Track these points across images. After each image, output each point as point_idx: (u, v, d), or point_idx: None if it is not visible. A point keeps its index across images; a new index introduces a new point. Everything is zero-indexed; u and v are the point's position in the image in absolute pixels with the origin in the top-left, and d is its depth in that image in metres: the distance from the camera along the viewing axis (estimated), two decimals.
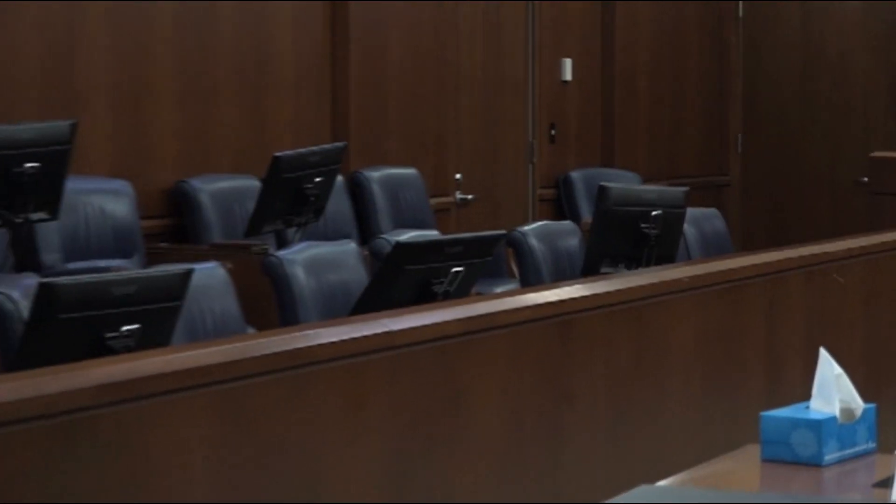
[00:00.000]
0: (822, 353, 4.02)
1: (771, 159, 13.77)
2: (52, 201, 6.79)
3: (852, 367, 4.10)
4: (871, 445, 3.95)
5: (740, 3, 13.79)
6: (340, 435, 4.47)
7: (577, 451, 5.39)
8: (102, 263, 7.62)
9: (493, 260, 6.52)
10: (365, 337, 4.60)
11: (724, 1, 13.75)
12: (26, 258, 7.32)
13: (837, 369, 3.96)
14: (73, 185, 7.24)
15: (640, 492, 3.55)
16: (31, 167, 6.59)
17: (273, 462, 4.25)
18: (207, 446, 4.06)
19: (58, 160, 6.73)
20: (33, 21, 8.01)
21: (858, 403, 3.93)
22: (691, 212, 7.84)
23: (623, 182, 10.56)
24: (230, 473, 4.12)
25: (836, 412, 3.88)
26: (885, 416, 4.12)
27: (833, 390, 3.92)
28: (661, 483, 3.67)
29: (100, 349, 4.41)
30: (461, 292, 5.68)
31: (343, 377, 4.50)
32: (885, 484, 3.55)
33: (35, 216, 6.80)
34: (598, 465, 5.40)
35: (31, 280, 5.22)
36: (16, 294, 5.17)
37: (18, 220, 6.71)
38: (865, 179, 11.08)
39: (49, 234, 7.57)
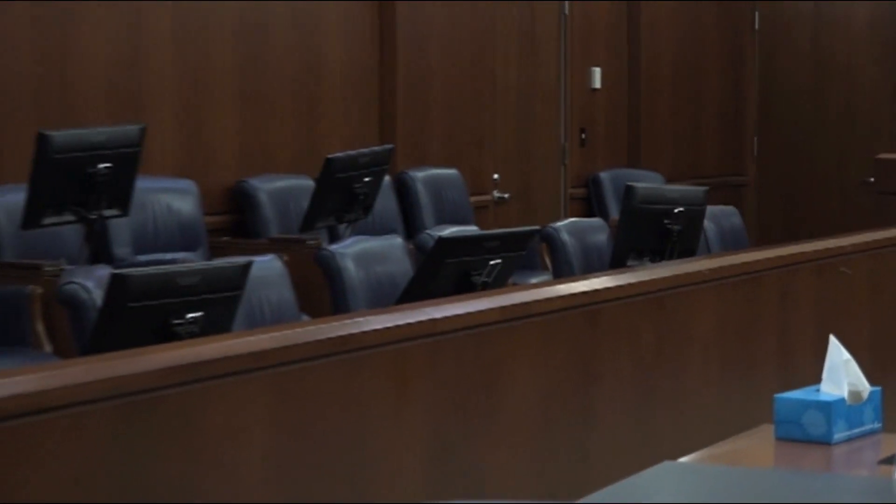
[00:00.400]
0: (832, 339, 4.01)
1: (784, 161, 13.73)
2: (123, 199, 6.81)
3: (859, 352, 4.08)
4: (877, 425, 3.94)
5: (756, 14, 13.74)
6: (386, 414, 4.48)
7: (604, 430, 5.38)
8: (169, 256, 7.63)
9: (527, 253, 6.52)
10: (409, 324, 4.61)
11: (741, 13, 13.71)
12: (99, 251, 7.33)
13: (846, 355, 3.95)
14: (142, 185, 7.26)
15: (663, 468, 3.55)
16: (104, 168, 6.61)
17: (324, 439, 4.25)
18: (264, 425, 4.07)
19: (128, 161, 6.75)
20: (103, 32, 8.03)
21: (865, 386, 3.92)
22: (711, 209, 7.82)
23: (648, 182, 10.53)
24: (285, 450, 4.12)
25: (845, 394, 3.87)
26: (890, 398, 4.11)
27: (842, 374, 3.91)
28: (683, 459, 3.66)
29: (166, 335, 4.42)
30: (498, 283, 5.68)
31: (389, 361, 4.51)
32: (890, 461, 3.54)
33: (107, 213, 6.82)
34: (623, 443, 5.39)
35: (104, 271, 5.23)
36: (90, 284, 5.19)
37: (92, 217, 6.73)
38: (871, 179, 11.02)
39: (120, 229, 7.59)
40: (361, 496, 4.32)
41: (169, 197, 8.05)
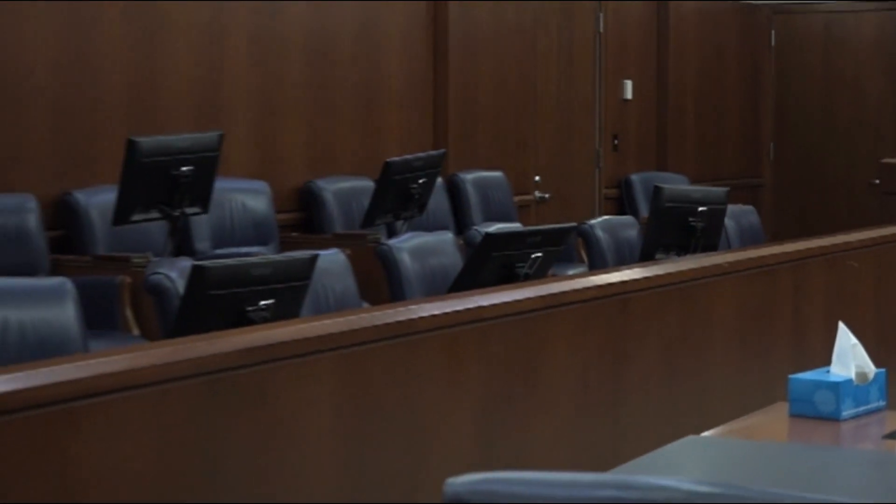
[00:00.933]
0: (841, 326, 4.00)
1: (797, 165, 13.70)
2: (203, 198, 6.84)
3: (865, 337, 4.07)
4: (882, 403, 3.93)
5: (772, 32, 13.70)
6: (439, 391, 4.48)
7: (634, 406, 5.38)
8: (244, 250, 7.65)
9: (565, 248, 6.51)
10: (459, 311, 4.61)
11: (759, 32, 13.67)
12: (182, 245, 7.36)
13: (853, 339, 3.95)
14: (221, 185, 7.28)
15: (687, 441, 3.54)
16: (187, 170, 6.64)
17: (384, 414, 4.26)
18: (330, 401, 4.08)
19: (208, 164, 6.78)
20: (187, 49, 8.05)
21: (871, 368, 3.91)
22: (731, 208, 7.80)
23: (674, 183, 10.50)
24: (349, 423, 4.13)
25: (852, 375, 3.86)
26: (893, 378, 4.10)
27: (850, 357, 3.90)
28: (705, 434, 3.66)
29: (241, 320, 4.43)
30: (539, 274, 5.67)
31: (441, 344, 4.51)
32: (893, 436, 3.53)
33: (189, 210, 6.84)
34: (651, 418, 5.38)
35: (186, 263, 5.24)
36: (174, 274, 5.21)
37: (176, 214, 6.75)
38: (877, 181, 11.00)
39: (200, 225, 7.62)
40: (418, 465, 4.33)
41: (244, 196, 8.08)
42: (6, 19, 7.08)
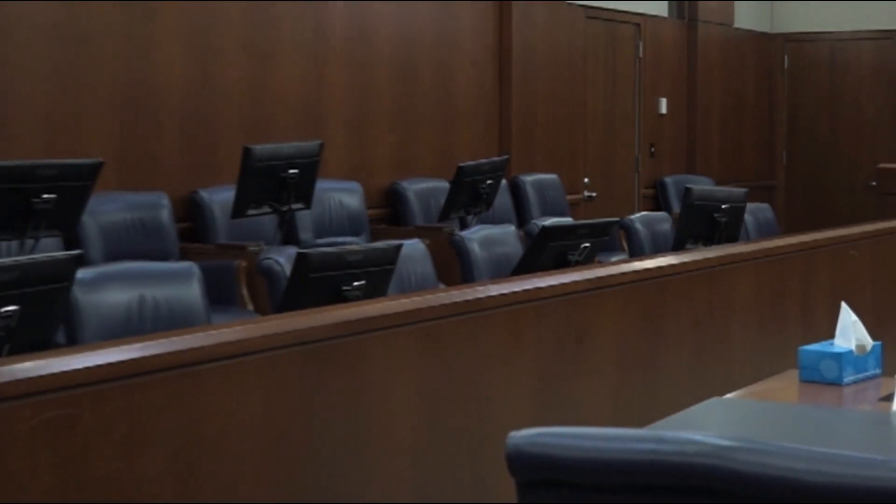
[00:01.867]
0: (843, 305, 3.98)
1: (806, 169, 13.62)
2: (306, 196, 6.85)
3: (864, 315, 4.03)
4: (878, 371, 3.91)
5: (785, 57, 13.61)
6: (502, 358, 4.47)
7: (667, 373, 5.35)
8: (340, 239, 7.67)
9: (609, 238, 6.49)
10: (520, 291, 4.60)
11: (774, 57, 13.59)
12: (289, 235, 7.39)
13: (853, 317, 3.92)
14: (321, 185, 7.29)
15: (712, 402, 3.52)
16: (293, 173, 6.65)
17: (456, 377, 4.25)
18: (412, 367, 4.08)
19: (310, 168, 6.79)
20: (294, 68, 8.08)
21: (868, 341, 3.89)
22: (749, 206, 7.75)
23: (701, 184, 10.43)
24: (428, 385, 4.13)
25: (853, 347, 3.84)
26: (888, 350, 4.07)
27: (850, 332, 3.88)
28: (727, 396, 3.63)
29: (337, 298, 4.44)
30: (587, 261, 5.65)
31: (505, 319, 4.50)
32: (888, 398, 3.50)
33: (295, 206, 6.86)
34: (682, 383, 5.36)
35: (292, 250, 5.26)
36: (282, 260, 5.23)
37: (284, 209, 6.77)
38: (874, 183, 10.94)
39: (304, 218, 7.64)
40: (484, 421, 4.32)
41: (340, 195, 8.09)
42: (144, 47, 7.12)
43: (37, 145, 6.53)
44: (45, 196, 5.48)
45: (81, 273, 4.39)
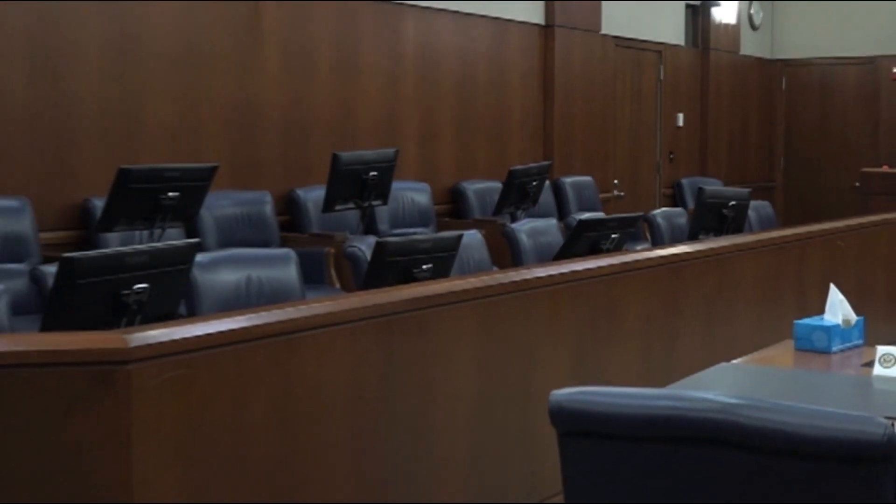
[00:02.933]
0: (832, 286, 3.95)
1: (800, 173, 13.51)
2: (384, 194, 6.86)
3: (849, 295, 3.99)
4: (860, 341, 3.88)
5: (783, 79, 13.50)
6: (546, 329, 4.47)
7: (683, 342, 5.33)
8: (411, 230, 7.67)
9: (635, 230, 6.46)
10: (561, 273, 4.59)
11: (773, 79, 13.49)
12: (369, 227, 7.39)
13: (840, 296, 3.89)
14: (396, 185, 7.30)
15: (721, 367, 3.49)
16: (373, 175, 6.66)
17: (507, 344, 4.25)
18: (470, 336, 4.08)
19: (387, 171, 6.80)
20: (375, 89, 8.09)
21: (853, 316, 3.85)
22: (752, 203, 7.68)
23: (712, 185, 10.34)
24: (483, 351, 4.13)
25: (840, 321, 3.81)
26: (869, 324, 4.03)
27: (838, 308, 3.85)
28: (734, 361, 3.61)
29: (409, 278, 4.44)
30: (616, 248, 5.62)
31: (547, 296, 4.49)
32: (869, 364, 3.47)
33: (375, 203, 6.87)
34: (695, 350, 5.33)
35: (372, 239, 5.27)
36: (363, 247, 5.24)
37: (365, 205, 6.78)
38: (858, 185, 10.85)
39: (382, 213, 7.65)
40: (530, 381, 4.32)
41: (412, 193, 8.09)
42: (251, 70, 7.15)
43: (164, 152, 6.58)
44: (171, 194, 5.53)
45: (199, 257, 4.42)
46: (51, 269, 4.43)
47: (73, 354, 2.89)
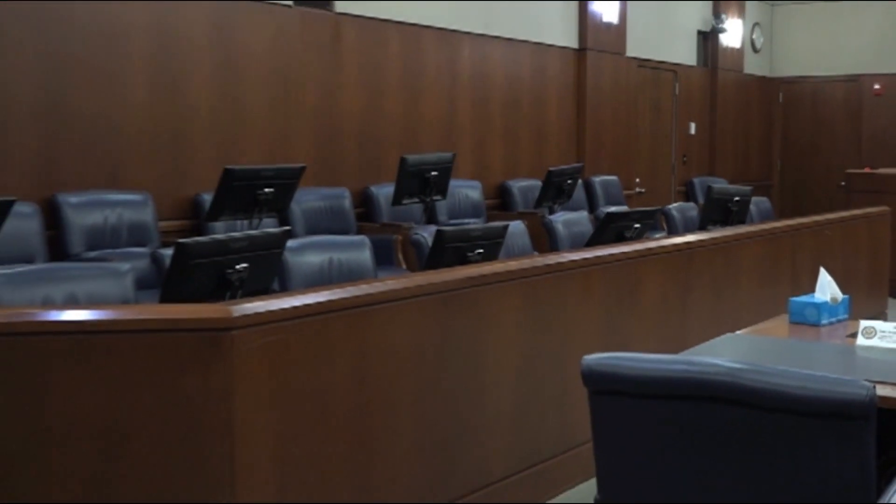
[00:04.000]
0: (821, 269, 3.91)
1: (794, 173, 13.37)
2: (442, 190, 6.85)
3: (836, 276, 3.94)
4: (846, 316, 3.84)
5: (780, 94, 13.34)
6: (579, 304, 4.45)
7: (694, 315, 5.29)
8: (465, 221, 7.66)
9: (654, 221, 6.41)
10: (590, 257, 4.57)
11: (772, 93, 13.34)
12: (430, 218, 7.40)
13: (828, 277, 3.86)
14: (453, 183, 7.29)
15: (727, 337, 3.47)
16: (434, 174, 6.66)
17: (546, 317, 4.24)
18: (515, 310, 4.07)
19: (446, 171, 6.79)
20: (434, 100, 8.09)
21: (839, 295, 3.82)
22: (754, 199, 7.61)
23: (719, 183, 10.24)
24: (526, 323, 4.12)
25: (828, 299, 3.77)
26: (853, 302, 3.98)
27: (826, 288, 3.81)
28: (738, 332, 3.58)
29: (464, 261, 4.44)
30: (638, 237, 5.59)
31: (580, 276, 4.47)
32: (853, 335, 3.43)
33: (435, 198, 6.86)
34: (705, 322, 5.30)
35: (433, 228, 5.27)
36: (426, 235, 5.24)
37: (427, 200, 6.78)
38: (843, 184, 10.71)
39: (441, 206, 7.64)
40: (566, 348, 4.31)
41: (466, 189, 8.08)
42: (333, 86, 7.18)
43: (261, 155, 6.62)
44: (266, 190, 5.56)
45: (290, 243, 4.45)
46: (168, 252, 4.46)
47: (187, 322, 2.92)
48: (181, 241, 3.64)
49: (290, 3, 6.88)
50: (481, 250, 4.56)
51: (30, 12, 5.37)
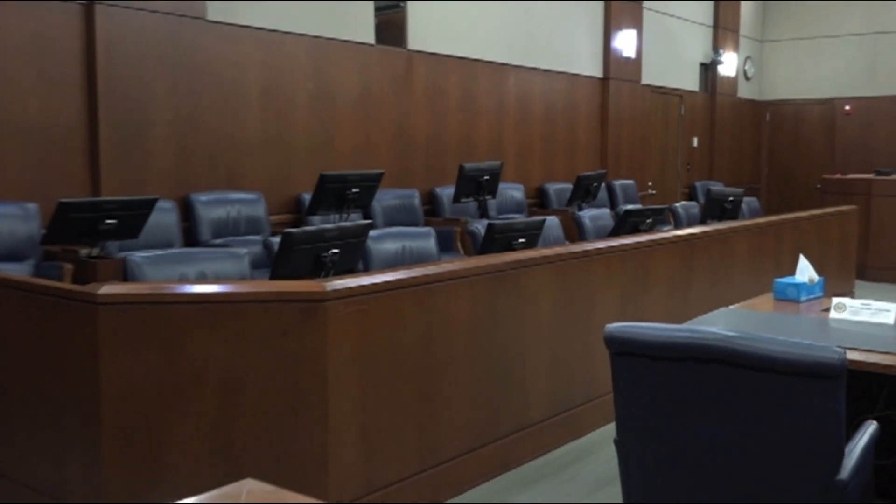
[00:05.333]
0: (801, 257, 3.83)
1: (779, 178, 13.11)
2: (493, 191, 6.81)
3: (813, 262, 3.86)
4: (821, 294, 3.76)
5: (768, 114, 13.08)
6: (601, 282, 4.40)
7: (695, 293, 5.21)
8: (511, 216, 7.62)
9: (663, 217, 6.32)
10: (612, 245, 4.52)
11: (760, 114, 13.07)
12: (483, 213, 7.37)
13: (806, 262, 3.77)
14: (501, 186, 7.26)
15: (722, 310, 3.40)
16: (486, 179, 6.63)
17: (575, 292, 4.20)
18: (550, 288, 4.04)
19: (495, 176, 6.76)
20: (485, 119, 8.06)
21: (815, 276, 3.74)
22: (745, 199, 7.49)
23: (717, 186, 10.06)
24: (558, 297, 4.09)
25: (806, 280, 3.69)
26: (827, 283, 3.90)
27: (805, 271, 3.73)
28: (731, 307, 3.52)
29: (509, 248, 4.41)
30: (651, 229, 5.52)
31: (603, 261, 4.42)
32: (826, 310, 3.35)
33: (487, 197, 6.83)
34: (704, 298, 5.22)
35: (484, 222, 5.25)
36: (479, 227, 5.22)
37: (480, 199, 6.76)
38: (819, 186, 10.48)
39: (491, 204, 7.59)
40: (590, 317, 4.27)
41: (511, 191, 8.02)
42: (405, 106, 7.19)
43: (349, 163, 6.66)
44: (353, 191, 5.59)
45: (371, 233, 4.47)
46: (276, 239, 4.51)
47: (290, 295, 2.94)
48: (287, 231, 3.66)
49: (373, 42, 6.89)
50: (523, 239, 4.54)
51: (170, 52, 5.45)
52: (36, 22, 4.85)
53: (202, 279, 3.69)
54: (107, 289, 2.85)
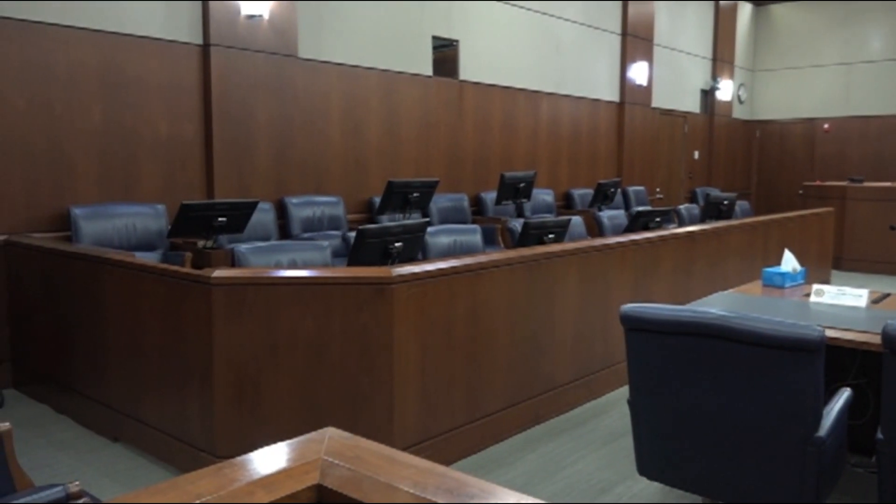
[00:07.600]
0: (786, 250, 3.72)
1: (768, 185, 12.79)
2: (528, 196, 6.75)
3: (796, 255, 3.76)
4: (803, 281, 3.66)
5: (758, 132, 12.76)
6: (616, 270, 4.33)
7: (696, 279, 5.10)
8: (542, 215, 7.54)
9: (669, 216, 6.19)
10: (625, 241, 4.44)
11: (751, 132, 12.75)
12: (520, 214, 7.31)
13: (790, 255, 3.67)
14: (535, 191, 7.21)
15: (719, 294, 3.33)
16: (522, 185, 6.57)
17: (595, 279, 4.14)
18: (574, 276, 3.99)
19: (530, 183, 6.70)
20: (522, 136, 7.99)
21: (798, 267, 3.64)
22: (738, 202, 7.30)
23: (714, 192, 9.85)
24: (581, 282, 4.03)
25: (790, 269, 3.59)
26: (808, 272, 3.78)
27: (789, 262, 3.63)
28: (726, 291, 3.43)
29: (541, 242, 4.37)
30: (658, 227, 5.41)
31: (619, 253, 4.35)
32: (807, 295, 3.25)
33: (523, 200, 6.77)
34: (704, 284, 5.10)
35: (521, 220, 5.21)
36: (517, 224, 5.17)
37: (517, 202, 6.71)
38: (801, 192, 10.19)
39: (527, 206, 7.53)
40: (608, 298, 4.21)
41: (543, 195, 7.93)
42: (456, 127, 7.16)
43: (411, 172, 6.67)
44: (414, 195, 5.59)
45: (429, 229, 4.46)
46: (352, 234, 4.53)
47: (364, 279, 2.96)
48: (361, 227, 3.68)
49: (430, 74, 6.88)
50: (553, 235, 4.49)
51: (270, 83, 5.50)
52: (166, 61, 4.97)
53: (293, 265, 3.73)
54: (219, 273, 2.90)
